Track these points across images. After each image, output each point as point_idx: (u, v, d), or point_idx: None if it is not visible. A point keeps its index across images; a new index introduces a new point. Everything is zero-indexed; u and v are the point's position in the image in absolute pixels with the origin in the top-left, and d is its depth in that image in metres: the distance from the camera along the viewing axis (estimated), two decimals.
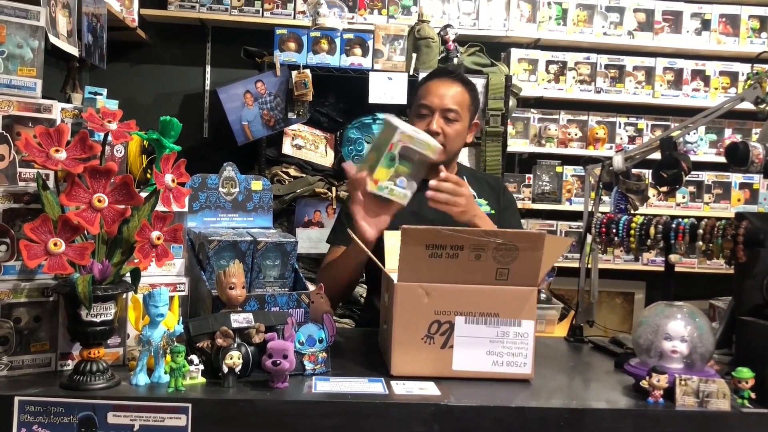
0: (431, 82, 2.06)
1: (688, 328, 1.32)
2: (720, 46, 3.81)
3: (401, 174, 1.64)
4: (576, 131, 3.80)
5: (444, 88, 2.03)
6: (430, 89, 2.04)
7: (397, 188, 1.64)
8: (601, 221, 1.66)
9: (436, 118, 2.00)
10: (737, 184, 3.85)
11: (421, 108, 2.03)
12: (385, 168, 1.61)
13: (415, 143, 1.63)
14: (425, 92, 2.05)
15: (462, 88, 2.05)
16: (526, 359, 1.38)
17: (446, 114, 2.00)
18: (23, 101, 1.38)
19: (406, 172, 1.64)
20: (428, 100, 2.02)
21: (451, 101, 2.01)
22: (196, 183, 1.57)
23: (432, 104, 2.01)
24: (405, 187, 1.65)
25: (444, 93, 2.02)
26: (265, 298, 1.44)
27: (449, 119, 2.01)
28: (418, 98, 2.07)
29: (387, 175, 1.62)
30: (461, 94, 2.04)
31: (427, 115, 2.02)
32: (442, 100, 2.01)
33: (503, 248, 1.35)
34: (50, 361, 1.31)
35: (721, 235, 1.48)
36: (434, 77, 2.08)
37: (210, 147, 3.78)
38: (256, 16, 3.56)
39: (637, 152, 1.82)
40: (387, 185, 1.62)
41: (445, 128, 2.00)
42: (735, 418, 1.25)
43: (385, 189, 1.62)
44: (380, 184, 1.62)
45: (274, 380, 1.26)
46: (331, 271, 1.97)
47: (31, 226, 1.17)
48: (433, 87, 2.04)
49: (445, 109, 2.00)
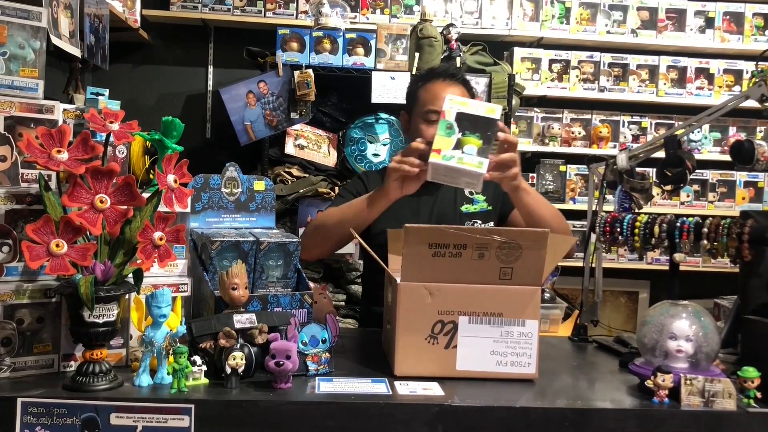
0: (435, 85, 2.00)
1: (693, 327, 1.31)
2: (724, 44, 3.80)
3: (468, 144, 1.51)
4: (579, 130, 3.79)
5: (450, 90, 1.96)
6: (437, 93, 1.97)
7: (466, 156, 1.50)
8: (606, 220, 1.66)
9: None
10: (742, 183, 3.84)
11: (430, 114, 1.96)
12: (444, 136, 1.51)
13: (469, 107, 1.54)
14: (432, 96, 1.98)
15: (464, 90, 2.01)
16: (530, 359, 1.37)
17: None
18: (25, 102, 1.38)
19: (474, 142, 1.52)
20: (438, 106, 1.89)
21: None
22: (198, 183, 1.57)
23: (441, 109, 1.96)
24: (476, 154, 1.51)
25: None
26: (268, 298, 1.44)
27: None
28: (424, 102, 1.99)
29: (448, 144, 1.50)
30: (464, 94, 1.99)
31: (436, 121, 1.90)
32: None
33: (507, 247, 1.34)
34: (53, 362, 1.30)
35: (726, 233, 1.47)
36: (436, 78, 2.03)
37: (212, 147, 3.78)
38: (258, 16, 3.56)
39: (642, 151, 1.81)
40: (453, 154, 1.50)
41: None
42: (741, 418, 1.24)
43: (452, 158, 1.49)
44: (444, 153, 1.50)
45: (277, 381, 1.25)
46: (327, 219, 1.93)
47: (34, 227, 1.16)
48: (439, 90, 1.97)
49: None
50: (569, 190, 3.77)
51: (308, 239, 1.92)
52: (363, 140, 3.45)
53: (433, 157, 1.49)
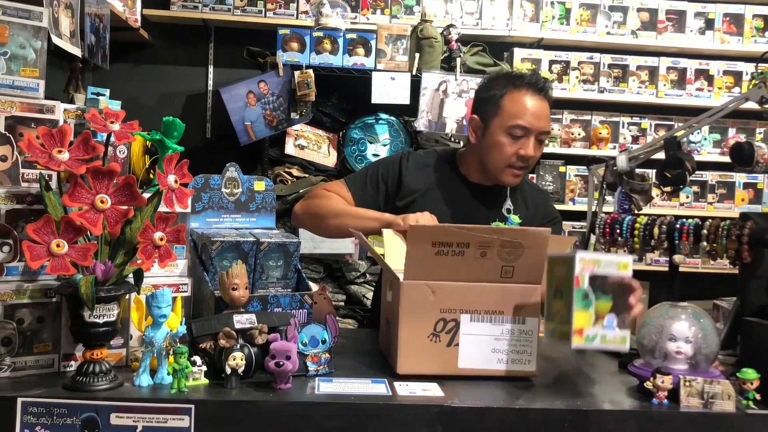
0: (526, 98, 1.84)
1: (692, 329, 1.32)
2: (724, 46, 3.80)
3: (603, 312, 1.28)
4: (579, 131, 3.79)
5: (541, 108, 1.85)
6: (527, 108, 1.83)
7: (608, 332, 1.27)
8: (605, 221, 1.66)
9: (532, 141, 1.84)
10: (741, 184, 3.84)
11: (516, 129, 1.83)
12: (582, 310, 1.25)
13: (602, 266, 1.29)
14: (521, 110, 1.83)
15: (548, 102, 1.88)
16: (530, 356, 1.38)
17: (541, 136, 1.86)
18: (26, 102, 1.38)
19: (608, 307, 1.29)
20: (527, 121, 1.82)
21: (547, 123, 1.87)
22: (198, 184, 1.57)
23: (531, 126, 1.82)
24: (616, 325, 1.29)
25: (541, 113, 1.84)
26: (268, 298, 1.44)
27: (541, 141, 1.87)
28: (512, 115, 1.83)
29: (588, 319, 1.25)
30: (549, 110, 1.89)
31: (521, 137, 1.84)
32: (540, 121, 1.84)
33: (509, 246, 1.35)
34: (53, 362, 1.30)
35: (726, 235, 1.47)
36: (527, 89, 1.85)
37: (213, 147, 3.78)
38: (258, 17, 3.56)
39: (641, 152, 1.82)
40: (595, 333, 1.26)
41: (536, 151, 1.86)
42: (740, 420, 1.24)
43: (595, 338, 1.26)
44: (587, 334, 1.25)
45: (277, 381, 1.25)
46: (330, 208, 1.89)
47: (34, 227, 1.16)
48: (529, 105, 1.83)
49: (542, 131, 1.85)
50: (569, 191, 3.77)
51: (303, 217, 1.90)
52: (363, 140, 3.45)
53: (576, 341, 1.25)
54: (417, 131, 3.43)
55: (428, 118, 3.40)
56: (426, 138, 3.47)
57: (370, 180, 1.97)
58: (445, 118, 3.39)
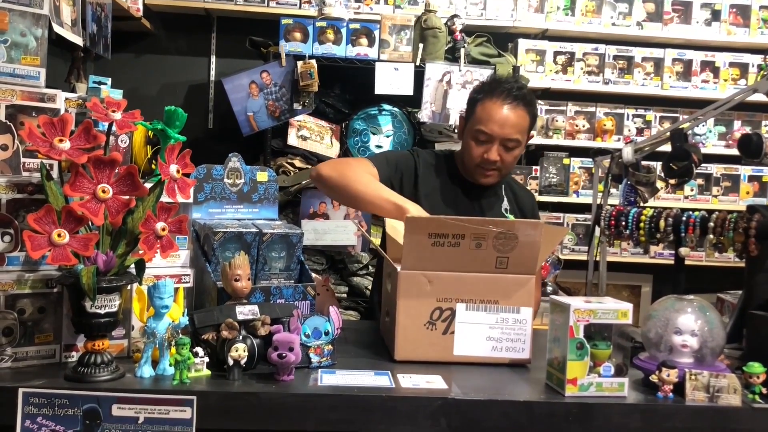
0: (492, 105, 1.86)
1: (698, 322, 1.31)
2: (730, 37, 3.77)
3: (602, 359, 1.27)
4: (584, 123, 3.77)
5: (505, 115, 1.85)
6: (491, 114, 1.85)
7: (605, 380, 1.25)
8: (611, 214, 1.65)
9: (495, 147, 1.86)
10: (746, 177, 3.82)
11: (480, 134, 1.87)
12: (576, 360, 1.24)
13: (599, 316, 1.25)
14: (485, 116, 1.86)
15: (523, 111, 1.87)
16: (524, 345, 1.42)
17: (506, 143, 1.86)
18: (27, 90, 1.37)
19: (607, 354, 1.28)
20: (488, 128, 1.85)
21: (513, 131, 1.85)
22: (201, 174, 1.56)
23: (492, 132, 1.85)
24: (614, 373, 1.26)
25: (505, 121, 1.84)
26: (271, 290, 1.43)
27: (509, 147, 1.87)
28: (477, 120, 1.88)
29: (583, 369, 1.24)
30: (522, 118, 1.87)
31: (485, 142, 1.87)
32: (503, 129, 1.84)
33: (503, 237, 1.39)
34: (54, 352, 1.30)
35: (733, 228, 1.46)
36: (495, 97, 1.87)
37: (215, 138, 3.77)
38: (261, 6, 3.54)
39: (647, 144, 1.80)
40: (590, 381, 1.24)
41: (503, 156, 1.87)
42: (746, 414, 1.23)
43: (590, 387, 1.24)
44: (581, 383, 1.24)
45: (279, 373, 1.25)
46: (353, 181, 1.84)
47: (35, 216, 1.16)
48: (494, 112, 1.85)
49: (505, 138, 1.85)
50: (572, 183, 3.75)
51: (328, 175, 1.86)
52: (366, 131, 3.44)
53: (569, 390, 1.24)
54: (420, 122, 3.42)
55: (432, 109, 3.38)
56: (429, 129, 3.45)
57: (390, 164, 1.96)
58: (448, 109, 3.37)
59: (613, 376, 1.25)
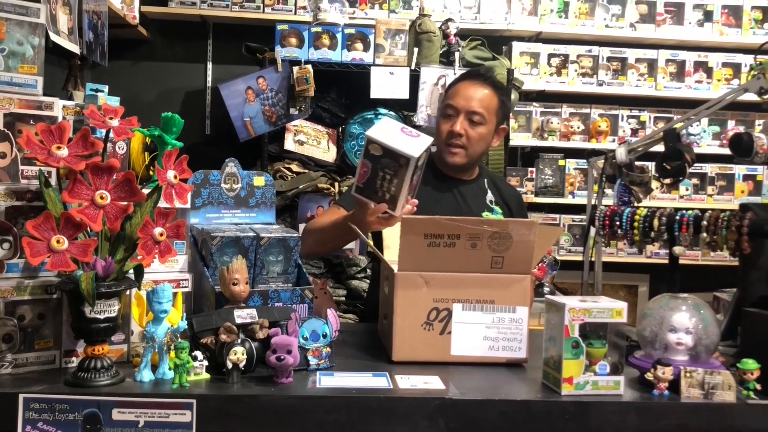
0: (460, 84, 2.04)
1: (693, 320, 1.32)
2: (722, 38, 3.79)
3: (597, 358, 1.27)
4: (578, 124, 3.78)
5: (472, 90, 2.00)
6: (458, 90, 2.02)
7: (600, 378, 1.26)
8: (605, 214, 1.66)
9: (460, 120, 1.98)
10: (741, 176, 3.83)
11: (447, 108, 2.01)
12: (572, 359, 1.25)
13: (593, 314, 1.26)
14: (453, 93, 2.03)
15: (491, 92, 2.02)
16: (520, 344, 1.43)
17: (471, 116, 1.98)
18: (24, 99, 1.38)
19: (601, 352, 1.28)
20: (454, 101, 2.00)
21: (478, 104, 1.98)
22: (198, 179, 1.57)
23: (457, 105, 1.99)
24: (609, 371, 1.27)
25: (471, 95, 1.99)
26: (269, 293, 1.44)
27: (474, 122, 1.98)
28: (446, 98, 2.05)
29: (578, 368, 1.25)
30: (489, 97, 2.01)
31: (452, 116, 2.00)
32: (468, 102, 1.98)
33: (498, 237, 1.40)
34: (54, 358, 1.31)
35: (726, 226, 1.47)
36: (464, 79, 2.06)
37: (212, 143, 3.77)
38: (257, 12, 3.55)
39: (641, 144, 1.82)
40: (586, 380, 1.25)
41: (468, 130, 1.98)
42: (740, 410, 1.24)
43: (586, 386, 1.25)
44: (577, 381, 1.25)
45: (278, 376, 1.26)
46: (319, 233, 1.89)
47: (34, 223, 1.16)
48: (461, 88, 2.02)
49: (470, 111, 1.98)
50: (568, 185, 3.77)
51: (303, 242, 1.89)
52: (362, 135, 3.45)
53: (565, 389, 1.24)
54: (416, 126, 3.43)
55: (427, 112, 3.39)
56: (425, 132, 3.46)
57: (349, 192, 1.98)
58: None
59: (608, 374, 1.27)
